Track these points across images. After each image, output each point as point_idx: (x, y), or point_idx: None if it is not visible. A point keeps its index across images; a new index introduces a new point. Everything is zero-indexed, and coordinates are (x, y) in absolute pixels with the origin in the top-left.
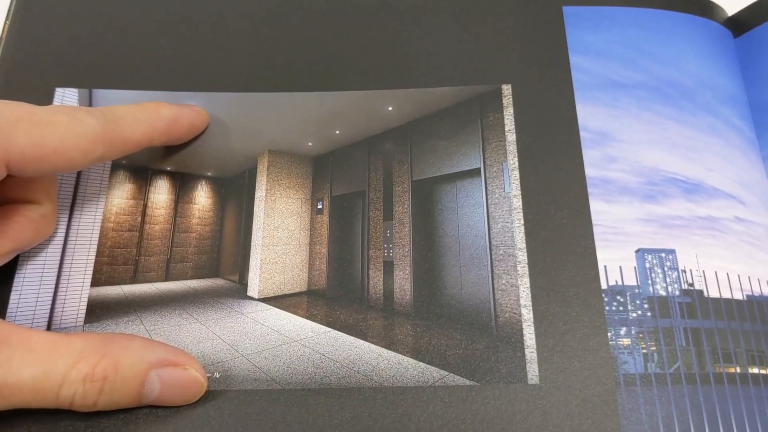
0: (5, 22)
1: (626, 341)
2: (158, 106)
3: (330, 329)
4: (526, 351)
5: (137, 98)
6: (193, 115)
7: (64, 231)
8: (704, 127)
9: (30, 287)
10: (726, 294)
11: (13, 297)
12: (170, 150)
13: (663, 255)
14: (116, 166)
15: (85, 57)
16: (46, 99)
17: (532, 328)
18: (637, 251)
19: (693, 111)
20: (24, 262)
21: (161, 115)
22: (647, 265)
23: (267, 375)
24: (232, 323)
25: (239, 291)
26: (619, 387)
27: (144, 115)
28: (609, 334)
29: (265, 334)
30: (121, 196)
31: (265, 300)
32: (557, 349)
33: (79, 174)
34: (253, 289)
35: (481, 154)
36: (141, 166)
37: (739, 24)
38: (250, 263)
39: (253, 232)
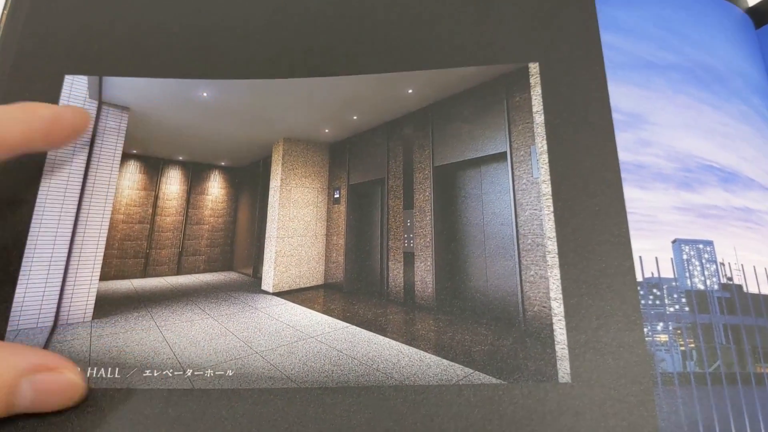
0: (6, 8)
1: (663, 337)
2: (36, 107)
3: (348, 324)
4: (557, 347)
5: (149, 85)
6: (74, 116)
7: (72, 222)
8: (737, 114)
9: (36, 280)
10: (765, 290)
11: (19, 290)
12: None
13: (701, 246)
14: (127, 156)
15: (96, 44)
16: (55, 87)
17: (563, 322)
18: (674, 242)
19: (726, 97)
20: (30, 253)
21: (39, 115)
22: (684, 257)
23: (282, 373)
24: (246, 319)
25: (253, 285)
26: (656, 386)
27: (20, 114)
28: (645, 329)
29: (280, 329)
30: (131, 186)
31: (280, 294)
32: (590, 345)
33: (88, 164)
34: (267, 283)
35: (507, 138)
36: (152, 155)
37: (759, 14)
38: (265, 256)
39: (268, 224)
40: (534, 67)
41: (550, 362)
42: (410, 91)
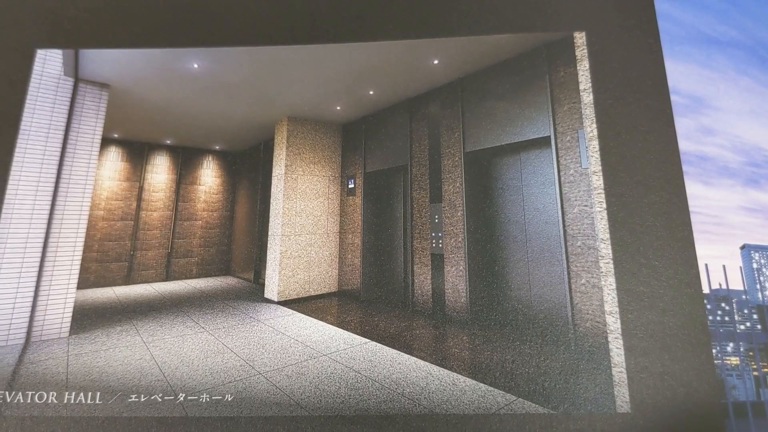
0: None
1: (734, 360)
2: None
3: (367, 340)
4: (614, 371)
5: (131, 57)
6: None
7: (45, 221)
8: None
9: (6, 291)
10: None
11: None
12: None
13: None
14: (107, 141)
15: (70, 12)
16: (25, 63)
17: (620, 341)
18: (743, 248)
19: None
20: None
21: None
22: (755, 266)
23: (290, 398)
24: (247, 333)
25: (255, 292)
26: (728, 418)
27: None
28: (714, 350)
29: (287, 346)
30: (112, 177)
31: (287, 303)
32: (652, 370)
33: (63, 151)
34: (271, 290)
35: (551, 119)
36: (136, 140)
37: None
38: (268, 257)
39: (271, 219)
40: (580, 37)
41: (606, 389)
42: (436, 61)
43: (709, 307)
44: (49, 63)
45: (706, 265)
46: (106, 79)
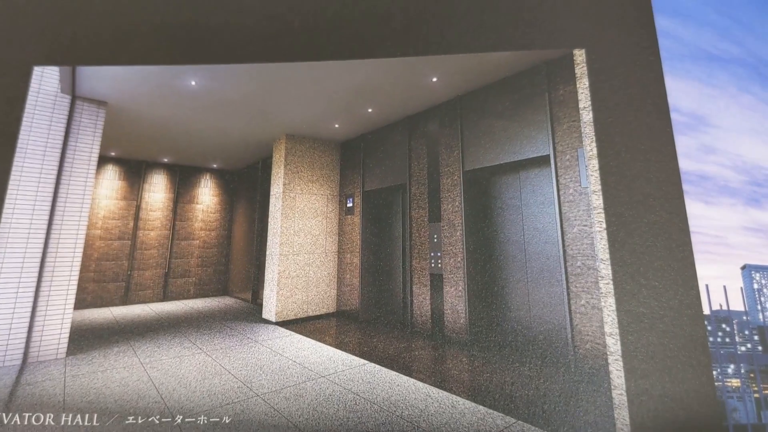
0: None
1: (735, 382)
2: None
3: (365, 361)
4: (614, 393)
5: (129, 74)
6: None
7: (42, 240)
8: None
9: (2, 311)
10: None
11: None
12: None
13: None
14: (104, 160)
15: (68, 29)
16: (23, 78)
17: (621, 363)
18: (744, 268)
19: None
20: None
21: None
22: (755, 286)
23: (288, 420)
24: (245, 354)
25: (252, 312)
26: None
27: None
28: (714, 372)
29: (286, 367)
30: (109, 195)
31: (285, 324)
32: (652, 392)
33: (60, 169)
34: (269, 311)
35: (551, 138)
36: (133, 158)
37: None
38: (266, 277)
39: (269, 238)
40: (580, 55)
41: (606, 411)
42: (435, 79)
43: (709, 328)
44: (45, 80)
45: (707, 285)
46: (104, 97)
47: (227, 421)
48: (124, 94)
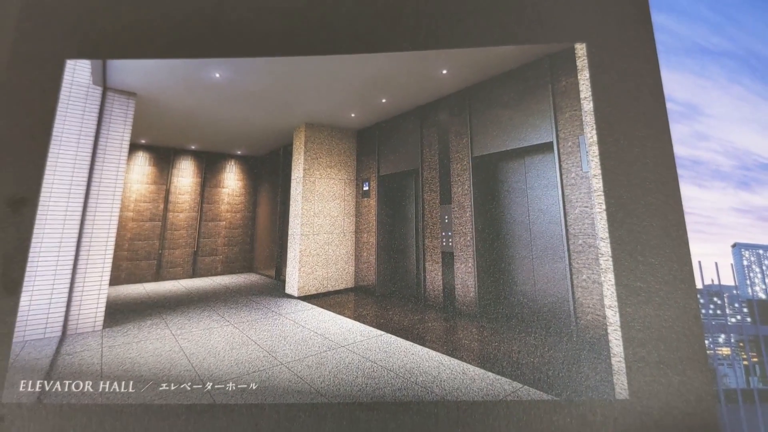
0: None
1: (726, 350)
2: None
3: (382, 332)
4: (613, 360)
5: (156, 67)
6: None
7: (78, 222)
8: None
9: (42, 287)
10: None
11: (24, 299)
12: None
13: (761, 252)
14: (135, 147)
15: (98, 25)
16: (56, 73)
17: (619, 333)
18: (734, 246)
19: None
20: (35, 258)
21: None
22: (744, 263)
23: (311, 386)
24: (270, 326)
25: (276, 288)
26: (719, 404)
27: None
28: (706, 341)
29: (307, 338)
30: (140, 180)
31: (306, 298)
32: (648, 359)
33: (93, 156)
34: (291, 286)
35: (554, 126)
36: (162, 145)
37: None
38: (288, 255)
39: (290, 219)
40: (581, 48)
41: (605, 377)
42: (444, 71)
43: (702, 301)
44: (78, 73)
45: (700, 262)
46: (133, 88)
47: (254, 388)
48: (152, 85)
